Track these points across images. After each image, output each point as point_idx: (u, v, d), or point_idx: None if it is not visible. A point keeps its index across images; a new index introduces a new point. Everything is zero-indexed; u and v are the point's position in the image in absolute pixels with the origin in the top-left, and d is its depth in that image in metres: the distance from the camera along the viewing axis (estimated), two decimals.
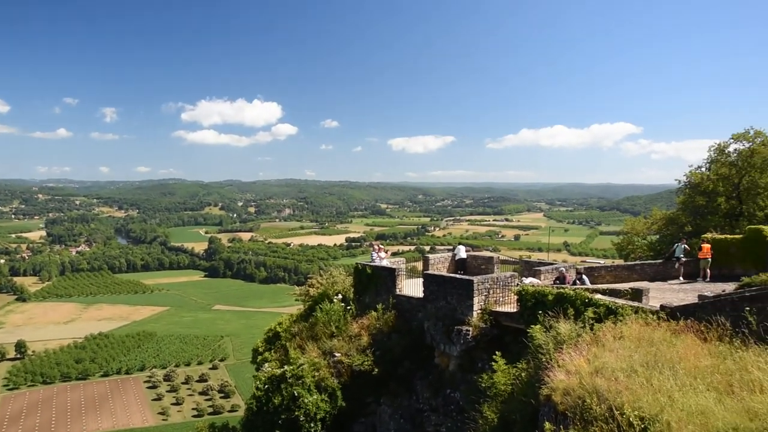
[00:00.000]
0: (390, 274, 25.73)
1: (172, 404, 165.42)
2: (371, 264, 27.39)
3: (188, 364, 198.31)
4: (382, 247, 30.00)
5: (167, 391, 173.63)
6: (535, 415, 14.81)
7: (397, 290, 25.41)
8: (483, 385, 18.33)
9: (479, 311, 21.31)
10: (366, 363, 23.15)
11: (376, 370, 23.04)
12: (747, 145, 43.43)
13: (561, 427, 12.70)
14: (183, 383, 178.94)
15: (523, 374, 17.14)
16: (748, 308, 14.21)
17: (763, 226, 29.94)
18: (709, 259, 27.44)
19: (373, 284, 26.20)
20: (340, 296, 26.86)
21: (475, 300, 21.26)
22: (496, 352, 18.53)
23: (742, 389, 11.05)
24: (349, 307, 26.25)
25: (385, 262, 27.94)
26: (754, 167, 41.72)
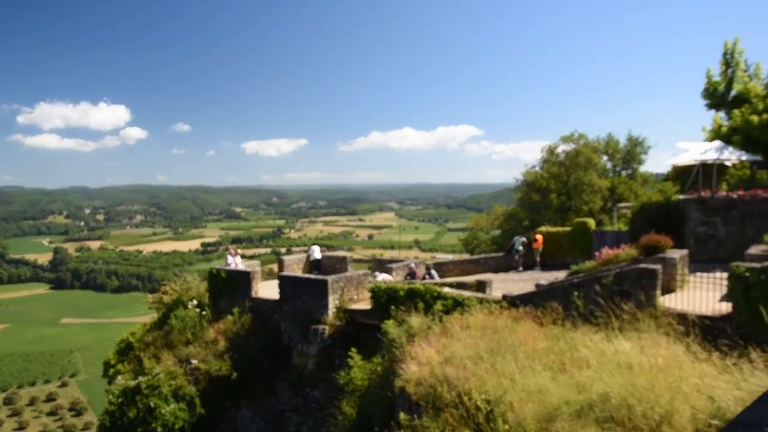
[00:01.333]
0: (245, 278, 25.57)
1: (15, 430, 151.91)
2: (226, 268, 27.11)
3: (33, 384, 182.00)
4: (237, 251, 29.77)
5: (8, 416, 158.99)
6: (392, 407, 15.30)
7: (253, 293, 25.30)
8: (341, 381, 18.70)
9: (334, 310, 21.77)
10: (224, 368, 22.86)
11: (235, 374, 22.80)
12: (573, 146, 47.42)
13: (415, 416, 13.33)
14: (27, 405, 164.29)
15: (379, 368, 17.68)
16: (576, 293, 15.77)
17: (587, 219, 32.92)
18: (540, 249, 29.93)
19: (229, 288, 25.92)
20: (195, 302, 26.26)
21: (330, 299, 21.70)
22: (352, 349, 19.00)
23: (572, 366, 12.13)
24: (204, 313, 25.75)
25: (240, 266, 27.77)
26: (579, 166, 45.63)
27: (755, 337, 10.91)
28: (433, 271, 24.72)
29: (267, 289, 25.36)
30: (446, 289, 18.94)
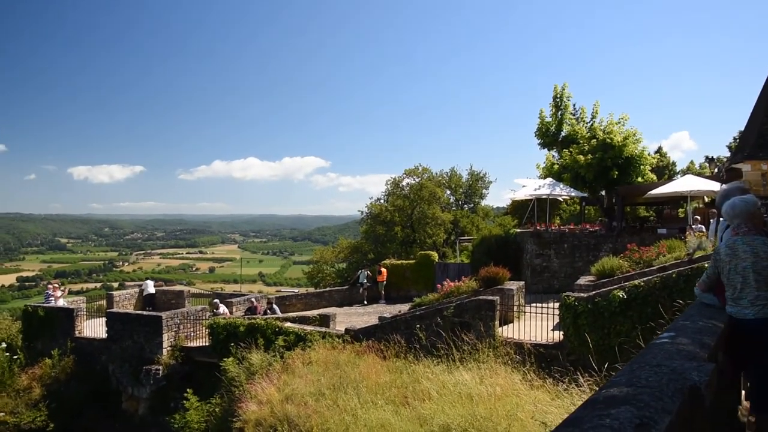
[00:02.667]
0: (67, 316, 23.29)
1: None
2: (44, 305, 24.63)
3: None
4: (57, 286, 27.29)
5: None
6: None
7: (77, 332, 23.12)
8: (176, 426, 17.44)
9: (169, 348, 20.35)
10: (38, 419, 20.39)
11: (52, 425, 20.43)
12: (417, 180, 48.64)
13: None
14: None
15: (217, 410, 16.70)
16: (418, 325, 15.78)
17: (431, 252, 33.68)
18: (384, 282, 30.12)
19: (48, 328, 23.46)
20: (3, 345, 23.41)
21: (165, 337, 20.27)
22: (188, 390, 17.83)
23: (415, 399, 12.05)
24: (16, 357, 23.07)
25: (61, 302, 25.38)
26: (423, 199, 46.79)
27: (583, 363, 11.29)
28: (275, 306, 24.00)
29: (94, 328, 23.25)
30: (288, 324, 18.38)
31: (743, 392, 5.58)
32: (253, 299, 24.69)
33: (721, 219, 5.93)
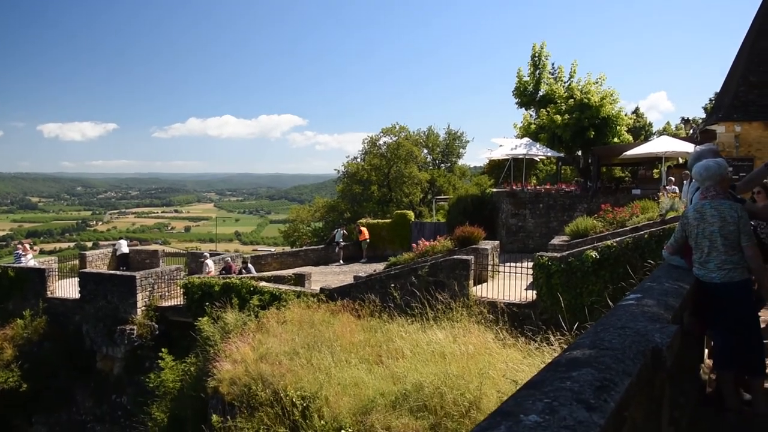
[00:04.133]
0: (39, 276, 22.97)
1: None
2: (14, 266, 24.29)
3: None
4: (28, 247, 26.91)
5: None
6: (205, 409, 14.62)
7: (49, 293, 22.88)
8: (151, 385, 17.46)
9: (144, 308, 20.26)
10: (11, 380, 20.20)
11: (25, 386, 20.26)
12: (394, 139, 48.44)
13: (228, 417, 12.73)
14: None
15: (192, 369, 16.75)
16: (393, 285, 15.85)
17: (407, 211, 33.70)
18: (368, 241, 30.11)
19: (18, 288, 23.12)
20: None
21: (139, 297, 20.13)
22: (163, 350, 17.82)
23: (389, 358, 12.16)
24: None
25: (32, 263, 25.04)
26: (400, 158, 46.66)
27: (555, 322, 11.42)
28: (250, 265, 23.91)
29: (67, 288, 22.98)
30: (263, 284, 18.35)
31: (706, 351, 5.67)
32: (228, 258, 24.60)
33: (692, 181, 5.94)
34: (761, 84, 23.72)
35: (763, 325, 6.89)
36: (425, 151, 52.82)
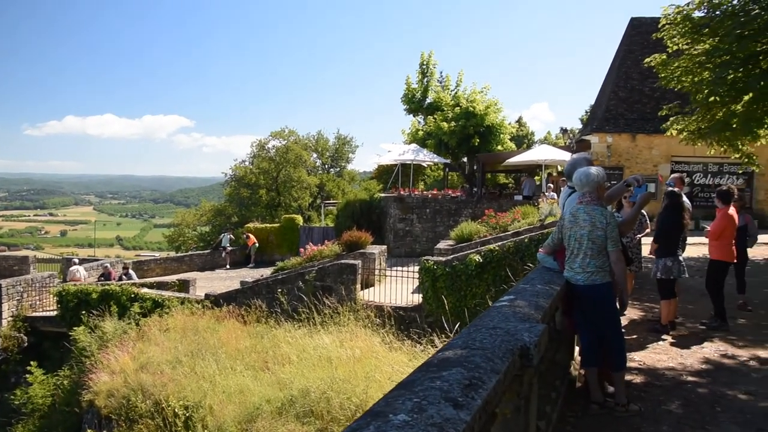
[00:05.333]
0: None
1: None
2: None
3: None
4: None
5: None
6: (80, 424, 13.96)
7: None
8: (17, 402, 16.28)
9: (10, 319, 18.87)
10: None
11: None
12: (283, 142, 48.09)
13: (104, 431, 12.20)
14: None
15: (65, 382, 15.84)
16: (280, 290, 15.70)
17: (296, 216, 33.55)
18: (256, 245, 29.71)
19: None
20: None
21: (5, 306, 18.71)
22: (32, 363, 16.71)
23: (275, 363, 12.05)
24: None
25: None
26: (289, 162, 46.39)
27: (440, 325, 11.68)
28: (131, 271, 22.91)
29: None
30: (145, 290, 17.70)
31: (577, 348, 5.98)
32: (107, 264, 23.48)
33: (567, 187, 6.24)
34: (628, 99, 25.42)
35: (624, 323, 7.36)
36: (315, 155, 52.75)
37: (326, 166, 54.40)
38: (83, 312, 16.88)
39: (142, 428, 11.39)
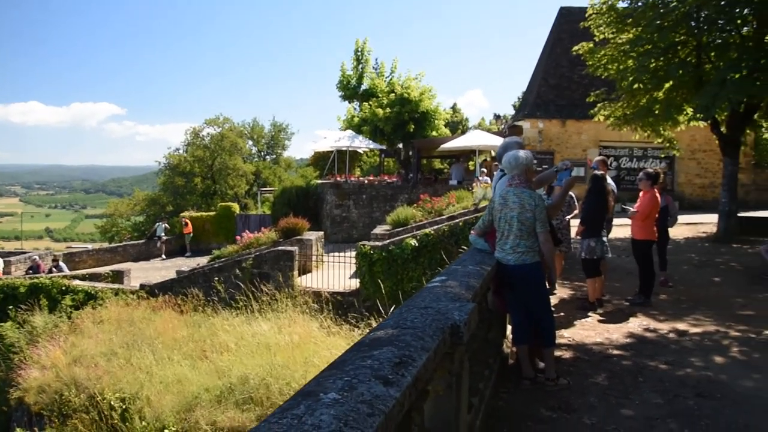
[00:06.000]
0: None
1: None
2: None
3: None
4: None
5: None
6: (8, 423, 13.58)
7: None
8: None
9: None
10: None
11: None
12: (218, 130, 47.37)
13: (36, 429, 11.90)
14: None
15: None
16: (217, 278, 15.59)
17: (232, 204, 33.17)
18: (191, 234, 29.24)
19: None
20: None
21: None
22: None
23: (213, 352, 11.99)
24: None
25: None
26: (224, 150, 45.75)
27: (378, 309, 11.84)
28: (61, 264, 22.28)
29: None
30: (77, 282, 17.27)
31: (509, 327, 6.19)
32: (35, 257, 22.73)
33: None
34: (558, 86, 26.07)
35: (554, 301, 7.64)
36: (250, 142, 52.22)
37: (262, 153, 53.88)
38: (11, 307, 16.31)
39: (77, 423, 11.18)
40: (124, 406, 10.92)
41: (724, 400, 5.14)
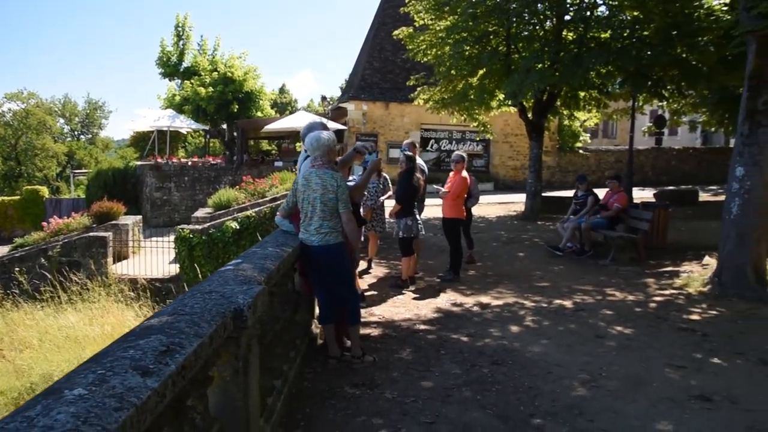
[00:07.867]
0: None
1: None
2: None
3: None
4: None
5: None
6: None
7: None
8: None
9: None
10: None
11: None
12: (22, 106, 43.52)
13: None
14: None
15: None
16: (18, 269, 14.35)
17: (40, 187, 30.70)
18: None
19: None
20: None
21: None
22: None
23: (12, 350, 11.05)
24: None
25: None
26: (30, 128, 42.19)
27: None
28: None
29: None
30: None
31: (318, 308, 6.24)
32: None
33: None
34: (382, 69, 26.65)
35: (371, 280, 7.83)
36: (61, 120, 48.63)
37: (76, 132, 50.35)
38: None
39: None
40: None
41: (514, 366, 5.53)
